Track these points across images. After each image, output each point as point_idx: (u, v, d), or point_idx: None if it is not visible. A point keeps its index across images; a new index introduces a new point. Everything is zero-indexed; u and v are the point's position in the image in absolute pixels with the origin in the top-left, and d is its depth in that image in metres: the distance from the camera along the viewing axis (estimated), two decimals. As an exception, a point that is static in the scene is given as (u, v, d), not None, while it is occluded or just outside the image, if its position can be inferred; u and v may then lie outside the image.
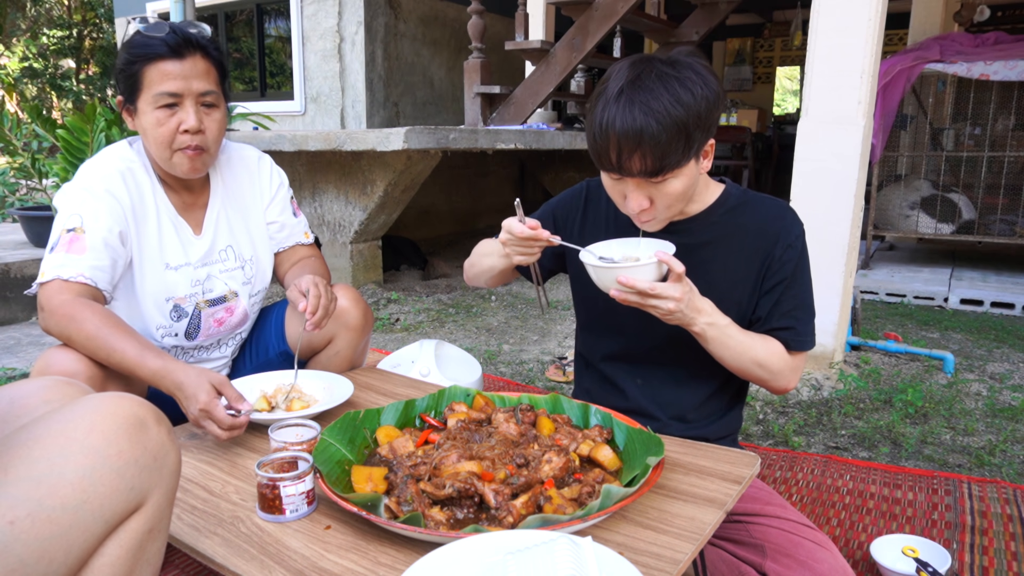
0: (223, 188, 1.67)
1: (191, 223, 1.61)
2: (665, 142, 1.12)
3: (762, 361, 1.28)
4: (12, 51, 14.06)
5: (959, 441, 2.33)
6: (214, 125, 1.51)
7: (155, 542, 0.87)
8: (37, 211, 4.27)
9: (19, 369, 3.00)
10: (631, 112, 1.12)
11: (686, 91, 1.13)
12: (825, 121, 2.67)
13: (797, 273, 1.32)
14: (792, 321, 1.32)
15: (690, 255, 1.30)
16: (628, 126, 1.12)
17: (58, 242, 1.43)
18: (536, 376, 2.97)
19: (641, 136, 1.11)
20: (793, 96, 16.07)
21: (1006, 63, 4.05)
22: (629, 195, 1.21)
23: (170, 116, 1.45)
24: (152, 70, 1.43)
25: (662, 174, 1.16)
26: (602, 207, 1.43)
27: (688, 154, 1.15)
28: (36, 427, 0.80)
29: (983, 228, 4.48)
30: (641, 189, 1.19)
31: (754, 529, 1.22)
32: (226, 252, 1.66)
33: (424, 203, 5.95)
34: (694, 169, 1.21)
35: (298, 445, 1.15)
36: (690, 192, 1.24)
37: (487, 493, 1.00)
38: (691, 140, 1.14)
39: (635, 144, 1.12)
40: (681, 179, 1.19)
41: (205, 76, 1.47)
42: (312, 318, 1.48)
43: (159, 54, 1.43)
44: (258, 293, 1.75)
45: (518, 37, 5.04)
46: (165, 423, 0.87)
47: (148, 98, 1.45)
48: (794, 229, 1.32)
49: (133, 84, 1.46)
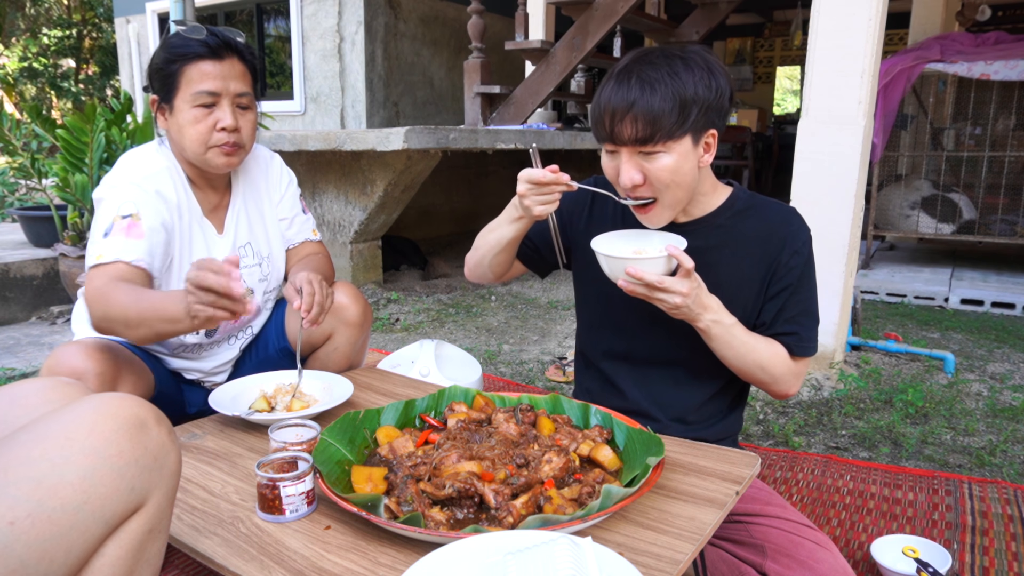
0: (243, 187, 1.69)
1: (215, 223, 1.64)
2: (656, 108, 1.13)
3: (765, 364, 1.29)
4: (11, 51, 14.05)
5: (959, 441, 2.33)
6: (248, 125, 1.55)
7: (155, 542, 0.87)
8: (37, 211, 4.27)
9: (19, 369, 3.00)
10: (628, 82, 1.16)
11: (688, 70, 1.15)
12: (825, 121, 2.67)
13: (803, 279, 1.32)
14: (796, 327, 1.32)
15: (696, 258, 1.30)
16: (623, 93, 1.15)
17: (112, 227, 1.44)
18: (536, 376, 2.97)
19: (633, 102, 1.14)
20: (793, 96, 16.07)
21: (1007, 63, 4.05)
22: (621, 167, 1.21)
23: (207, 115, 1.48)
24: (191, 70, 1.46)
25: (652, 142, 1.15)
26: (609, 203, 1.42)
27: (682, 127, 1.15)
28: (37, 427, 0.80)
29: (983, 228, 4.48)
30: (633, 162, 1.19)
31: (754, 529, 1.21)
32: (245, 249, 1.68)
33: (424, 203, 5.95)
34: (692, 153, 1.20)
35: (298, 445, 1.15)
36: (688, 179, 1.22)
37: (487, 493, 1.00)
38: (685, 113, 1.14)
39: (627, 109, 1.14)
40: (674, 156, 1.18)
41: (242, 78, 1.51)
42: (308, 315, 1.48)
43: (198, 54, 1.46)
44: (273, 290, 1.78)
45: (518, 37, 5.04)
46: (165, 423, 0.87)
47: (186, 96, 1.47)
48: (801, 235, 1.32)
49: (171, 83, 1.48)
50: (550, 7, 5.49)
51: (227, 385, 1.49)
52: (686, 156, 1.19)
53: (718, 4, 5.55)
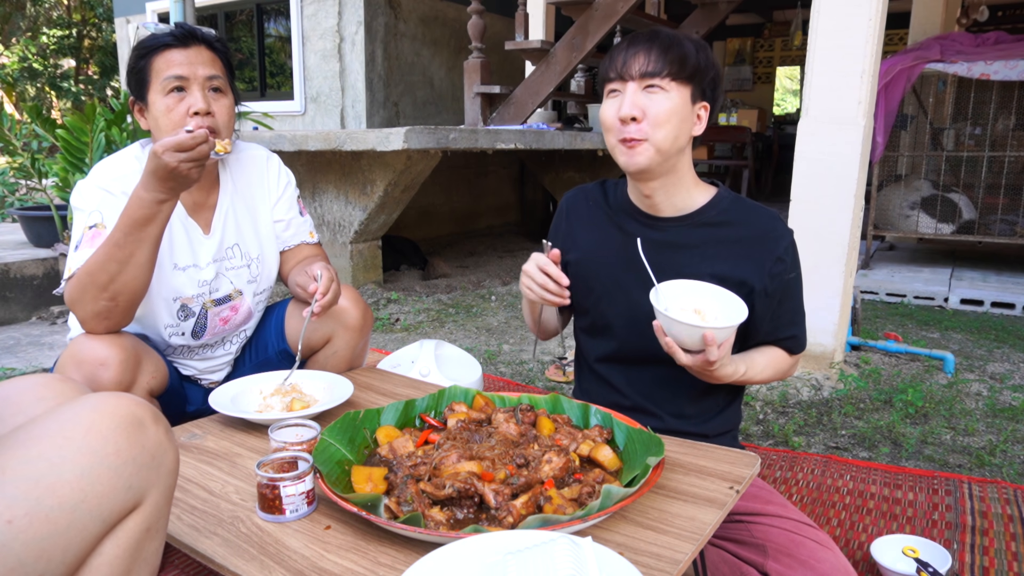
0: (232, 187, 1.68)
1: (200, 223, 1.62)
2: (668, 49, 1.25)
3: (772, 377, 1.39)
4: (11, 51, 14.05)
5: (959, 441, 2.33)
6: (223, 110, 1.53)
7: (153, 541, 0.87)
8: (37, 211, 4.27)
9: (19, 369, 3.00)
10: (645, 35, 1.29)
11: (692, 44, 1.28)
12: (825, 121, 2.67)
13: (791, 284, 1.36)
14: (794, 329, 1.39)
15: (673, 255, 1.34)
16: (641, 39, 1.28)
17: (82, 239, 1.45)
18: (536, 376, 2.96)
19: (651, 42, 1.26)
20: (793, 96, 16.07)
21: (1006, 63, 4.05)
22: (624, 100, 1.26)
23: (179, 102, 1.48)
24: (159, 60, 1.47)
25: (660, 76, 1.24)
26: (584, 209, 1.47)
27: (686, 73, 1.25)
28: (34, 426, 0.80)
29: (983, 228, 4.48)
30: (635, 97, 1.25)
31: (755, 529, 1.22)
32: (233, 250, 1.67)
33: (424, 203, 5.95)
34: (687, 108, 1.27)
35: (298, 445, 1.15)
36: (679, 130, 1.27)
37: (487, 493, 1.00)
38: (691, 65, 1.25)
39: (644, 46, 1.26)
40: (674, 99, 1.25)
41: (211, 64, 1.51)
42: (321, 299, 1.47)
43: (165, 44, 1.47)
44: (263, 292, 1.76)
45: (518, 37, 5.04)
46: (163, 422, 0.87)
47: (156, 87, 1.48)
48: (783, 241, 1.34)
49: (142, 78, 1.49)
50: (550, 7, 5.50)
51: (226, 385, 1.49)
52: (683, 107, 1.26)
53: (718, 4, 5.55)
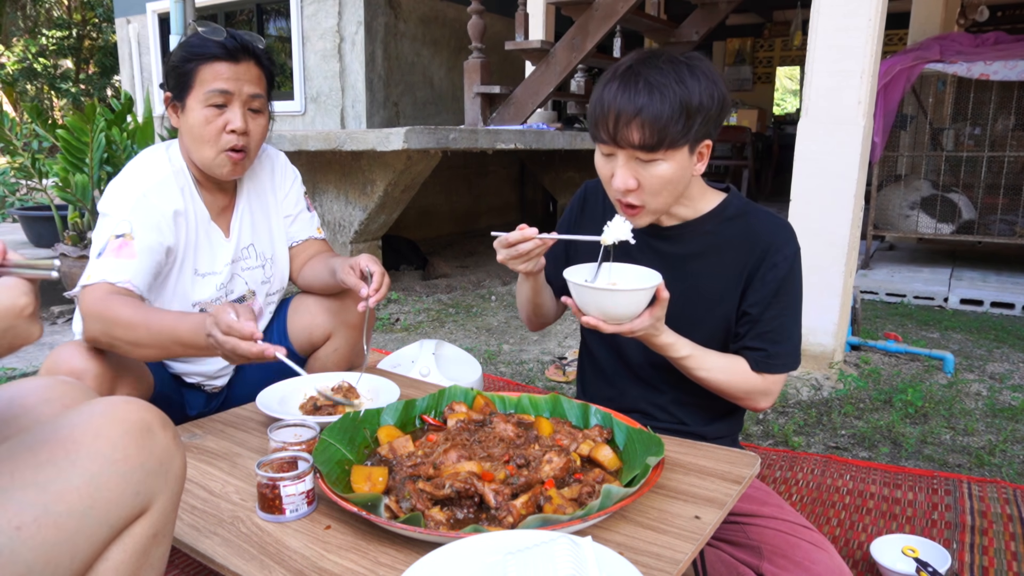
0: (248, 188, 1.69)
1: (222, 227, 1.63)
2: (666, 116, 1.11)
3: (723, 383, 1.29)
4: (11, 51, 14.05)
5: (959, 441, 2.34)
6: (258, 130, 1.54)
7: (159, 547, 0.87)
8: (37, 211, 4.27)
9: (19, 369, 3.00)
10: (635, 84, 1.12)
11: (693, 78, 1.13)
12: (825, 121, 2.67)
13: (780, 295, 1.27)
14: (765, 343, 1.29)
15: (676, 265, 1.29)
16: (630, 96, 1.12)
17: (106, 247, 1.44)
18: (536, 376, 2.97)
19: (642, 107, 1.11)
20: (793, 96, 16.07)
21: (1006, 63, 4.05)
22: (617, 172, 1.19)
23: (218, 115, 1.48)
24: (206, 69, 1.47)
25: (657, 150, 1.14)
26: (599, 206, 1.42)
27: (685, 137, 1.14)
28: (42, 432, 0.79)
29: (983, 228, 4.48)
30: (630, 167, 1.18)
31: (751, 530, 1.21)
32: (248, 250, 1.68)
33: (424, 203, 5.95)
34: (687, 162, 1.19)
35: (297, 445, 1.15)
36: (679, 188, 1.21)
37: (487, 493, 1.00)
38: (691, 123, 1.13)
39: (634, 114, 1.12)
40: (672, 165, 1.17)
41: (256, 82, 1.51)
42: (376, 295, 1.46)
43: (215, 55, 1.46)
44: (276, 293, 1.76)
45: (518, 37, 5.04)
46: (171, 428, 0.87)
47: (199, 95, 1.48)
48: (784, 250, 1.27)
49: (185, 81, 1.49)
50: (550, 7, 5.49)
51: (275, 386, 1.47)
52: (682, 165, 1.18)
53: (718, 4, 5.55)
